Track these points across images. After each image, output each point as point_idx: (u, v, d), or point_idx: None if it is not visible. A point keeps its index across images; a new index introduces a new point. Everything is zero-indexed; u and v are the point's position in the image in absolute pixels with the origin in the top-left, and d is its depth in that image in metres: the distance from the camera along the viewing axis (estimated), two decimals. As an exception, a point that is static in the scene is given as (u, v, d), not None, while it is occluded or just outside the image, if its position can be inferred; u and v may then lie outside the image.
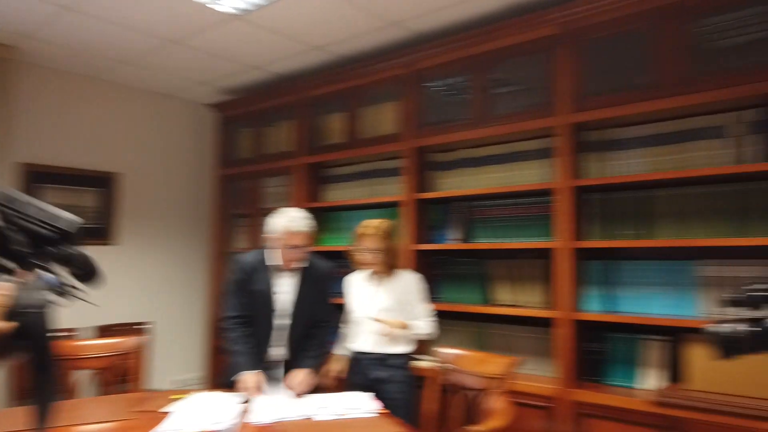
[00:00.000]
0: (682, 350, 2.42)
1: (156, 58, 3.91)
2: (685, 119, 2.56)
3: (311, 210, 3.10)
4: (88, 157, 4.33)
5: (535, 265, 2.97)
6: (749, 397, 2.18)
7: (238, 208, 4.50)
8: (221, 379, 2.69)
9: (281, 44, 3.60)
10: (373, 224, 2.70)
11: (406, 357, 2.66)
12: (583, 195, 2.80)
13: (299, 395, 2.40)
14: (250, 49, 3.71)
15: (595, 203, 2.78)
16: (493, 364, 2.44)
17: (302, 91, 4.01)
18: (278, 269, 2.58)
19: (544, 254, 2.93)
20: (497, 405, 2.27)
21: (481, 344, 3.12)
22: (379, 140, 3.59)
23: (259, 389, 2.36)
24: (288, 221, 2.51)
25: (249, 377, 2.39)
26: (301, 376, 2.46)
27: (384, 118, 3.62)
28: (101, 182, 4.38)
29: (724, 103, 2.40)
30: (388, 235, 2.68)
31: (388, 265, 2.70)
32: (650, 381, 2.56)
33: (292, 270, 2.58)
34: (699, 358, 2.34)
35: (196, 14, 3.20)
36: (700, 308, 2.46)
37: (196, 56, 3.84)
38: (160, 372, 4.49)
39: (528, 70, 3.18)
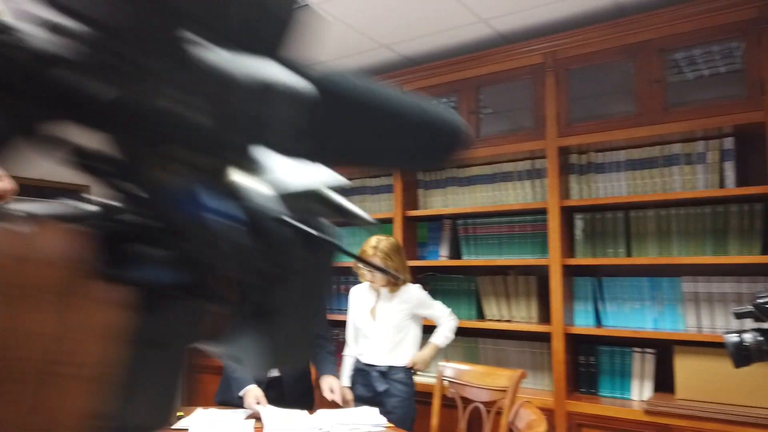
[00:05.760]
0: (669, 362, 2.57)
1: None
2: (663, 146, 2.75)
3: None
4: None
5: (524, 281, 3.08)
6: (733, 405, 2.35)
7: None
8: (220, 396, 2.64)
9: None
10: (371, 243, 2.72)
11: (408, 370, 2.70)
12: (568, 214, 2.95)
13: (346, 402, 2.57)
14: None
15: (582, 222, 2.93)
16: (499, 377, 2.50)
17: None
18: None
19: (528, 271, 3.07)
20: (528, 417, 2.25)
21: (474, 359, 3.20)
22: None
23: (264, 404, 2.35)
24: None
25: (253, 392, 2.38)
26: (334, 383, 2.57)
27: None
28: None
29: (699, 132, 2.60)
30: (389, 253, 2.69)
31: (391, 282, 2.71)
32: (638, 391, 2.70)
33: None
34: (685, 369, 2.49)
35: None
36: (685, 322, 2.63)
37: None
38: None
39: (516, 94, 3.33)
